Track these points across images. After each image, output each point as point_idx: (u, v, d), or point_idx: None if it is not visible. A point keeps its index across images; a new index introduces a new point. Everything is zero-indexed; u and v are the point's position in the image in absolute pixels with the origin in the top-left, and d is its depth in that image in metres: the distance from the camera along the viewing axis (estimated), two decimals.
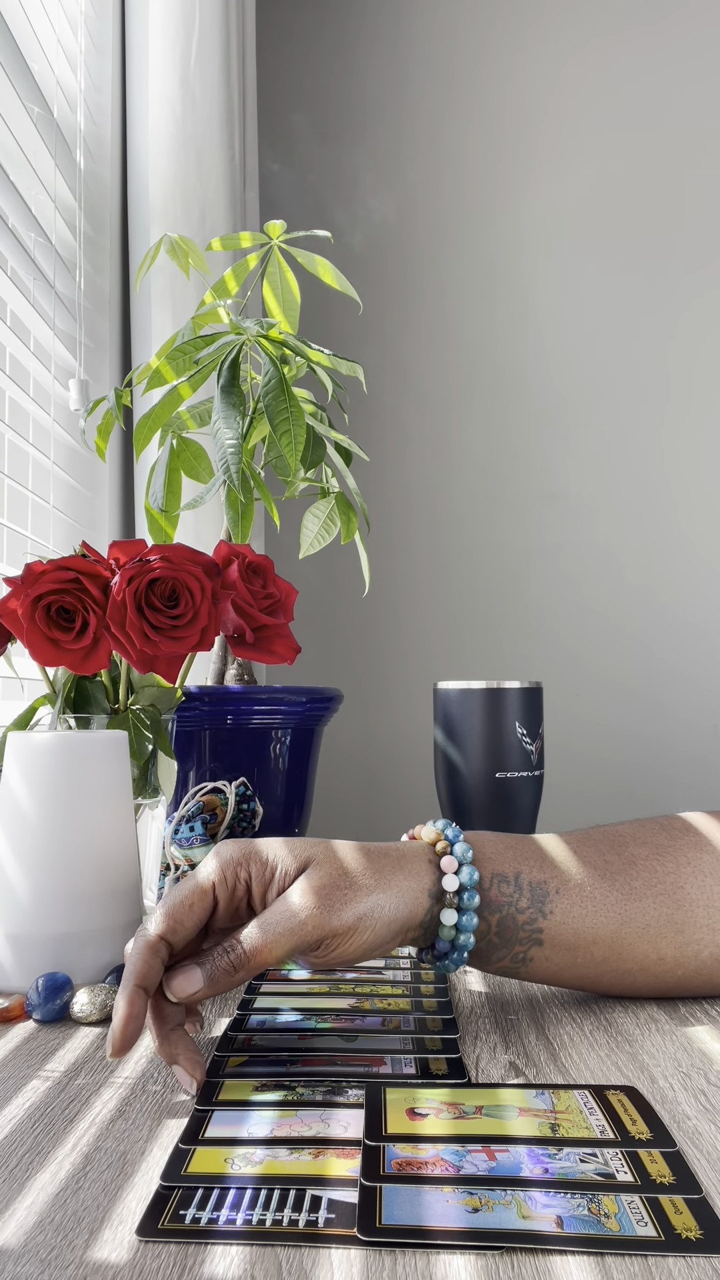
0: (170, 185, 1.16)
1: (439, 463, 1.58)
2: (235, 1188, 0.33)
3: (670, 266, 1.58)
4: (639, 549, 1.57)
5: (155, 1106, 0.41)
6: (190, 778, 0.78)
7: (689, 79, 1.59)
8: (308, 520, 0.90)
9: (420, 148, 1.61)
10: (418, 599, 1.56)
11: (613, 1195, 0.33)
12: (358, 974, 0.59)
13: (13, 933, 0.54)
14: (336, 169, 1.61)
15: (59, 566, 0.63)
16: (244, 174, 1.28)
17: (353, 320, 1.55)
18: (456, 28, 1.61)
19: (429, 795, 1.00)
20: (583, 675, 1.55)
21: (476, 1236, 0.30)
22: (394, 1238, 0.30)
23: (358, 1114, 0.39)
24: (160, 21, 1.17)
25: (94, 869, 0.56)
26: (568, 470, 1.58)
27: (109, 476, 1.16)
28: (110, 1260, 0.30)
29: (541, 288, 1.60)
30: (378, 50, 1.62)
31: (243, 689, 0.80)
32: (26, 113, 0.95)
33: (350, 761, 1.53)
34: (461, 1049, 0.47)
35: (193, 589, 0.63)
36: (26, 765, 0.56)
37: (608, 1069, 0.44)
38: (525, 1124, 0.38)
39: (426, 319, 1.60)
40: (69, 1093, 0.42)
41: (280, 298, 0.90)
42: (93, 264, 1.15)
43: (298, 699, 0.81)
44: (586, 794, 1.53)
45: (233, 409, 0.75)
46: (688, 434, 1.57)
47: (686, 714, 1.55)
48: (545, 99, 1.60)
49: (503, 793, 0.82)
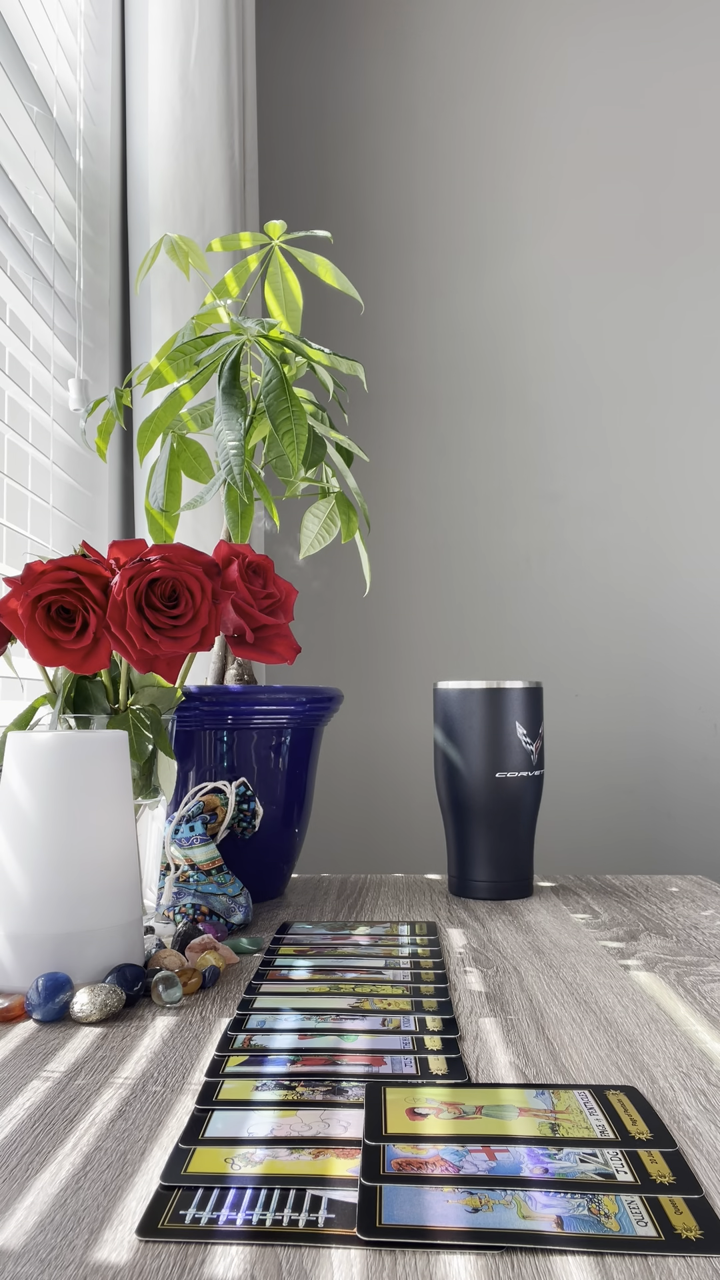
0: (170, 185, 1.16)
1: (439, 463, 1.58)
2: (235, 1188, 0.33)
3: (671, 266, 1.58)
4: (639, 549, 1.57)
5: (155, 1106, 0.41)
6: (190, 778, 0.78)
7: (691, 76, 1.59)
8: (308, 520, 0.90)
9: (420, 147, 1.61)
10: (418, 599, 1.56)
11: (613, 1195, 0.33)
12: (358, 974, 0.59)
13: (13, 933, 0.54)
14: (336, 169, 1.61)
15: (59, 566, 0.63)
16: (244, 174, 1.28)
17: (353, 320, 1.55)
18: (456, 27, 1.61)
19: (429, 795, 1.00)
20: (583, 675, 1.55)
21: (476, 1236, 0.30)
22: (394, 1238, 0.30)
23: (358, 1114, 0.39)
24: (160, 21, 1.17)
25: (94, 869, 0.56)
26: (568, 470, 1.58)
27: (109, 476, 1.16)
28: (110, 1260, 0.30)
29: (542, 287, 1.60)
30: (377, 49, 1.62)
31: (243, 689, 0.80)
32: (26, 112, 0.95)
33: (350, 761, 1.53)
34: (461, 1049, 0.47)
35: (193, 589, 0.63)
36: (27, 765, 0.56)
37: (608, 1069, 0.44)
38: (525, 1124, 0.38)
39: (427, 319, 1.60)
40: (69, 1093, 0.42)
41: (282, 299, 0.90)
42: (92, 264, 1.15)
43: (298, 699, 0.81)
44: (586, 794, 1.53)
45: (234, 410, 0.75)
46: (687, 434, 1.57)
47: (686, 714, 1.55)
48: (546, 98, 1.60)
49: (503, 793, 0.82)
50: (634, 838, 1.53)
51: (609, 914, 0.78)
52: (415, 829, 1.48)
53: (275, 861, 0.84)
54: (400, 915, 0.77)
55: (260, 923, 0.75)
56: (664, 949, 0.66)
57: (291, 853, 0.86)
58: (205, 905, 0.69)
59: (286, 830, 0.84)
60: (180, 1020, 0.52)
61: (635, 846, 1.53)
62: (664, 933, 0.71)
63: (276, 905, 0.81)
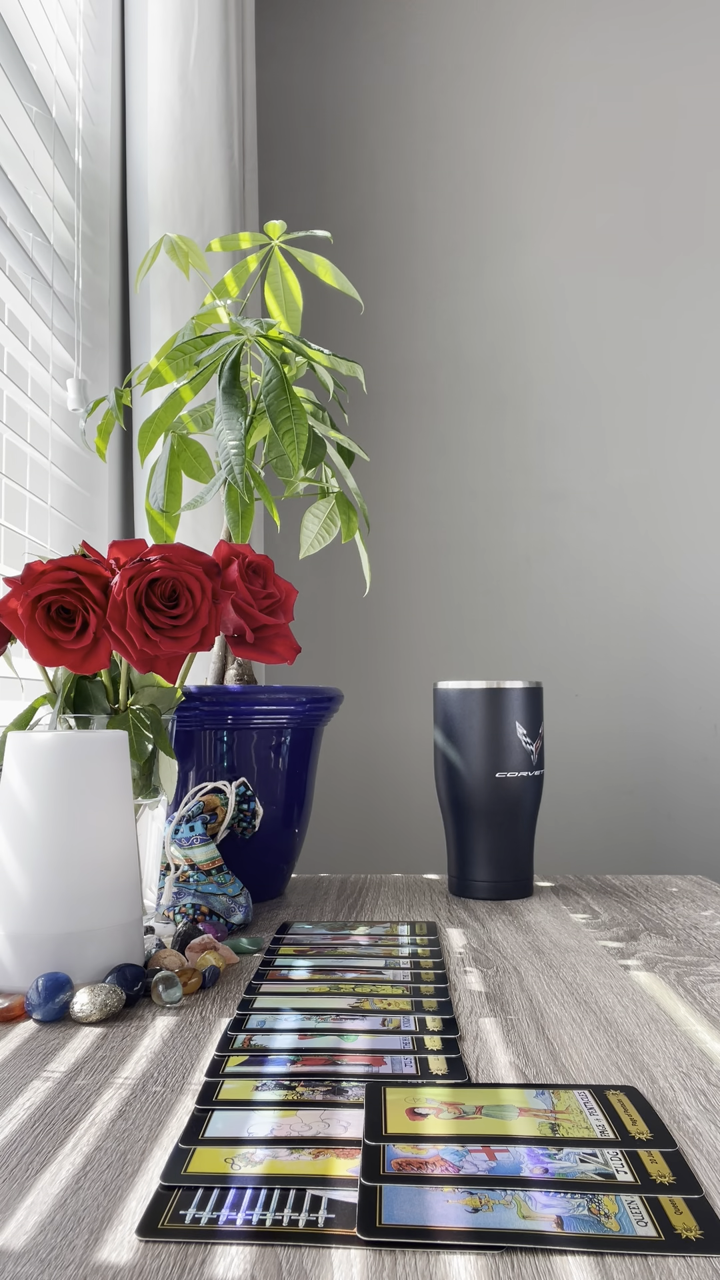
0: (169, 185, 1.16)
1: (439, 463, 1.58)
2: (235, 1188, 0.33)
3: (671, 266, 1.58)
4: (639, 549, 1.57)
5: (155, 1106, 0.41)
6: (190, 778, 0.78)
7: (694, 73, 1.59)
8: (308, 520, 0.90)
9: (420, 146, 1.61)
10: (418, 599, 1.56)
11: (613, 1195, 0.33)
12: (358, 974, 0.59)
13: (13, 933, 0.54)
14: (336, 169, 1.61)
15: (59, 566, 0.63)
16: (244, 174, 1.28)
17: (353, 320, 1.55)
18: (456, 26, 1.61)
19: (429, 795, 1.00)
20: (583, 675, 1.55)
21: (477, 1236, 0.30)
22: (394, 1238, 0.30)
23: (358, 1114, 0.39)
24: (159, 21, 1.17)
25: (94, 869, 0.56)
26: (568, 470, 1.58)
27: (108, 477, 1.16)
28: (110, 1260, 0.30)
29: (542, 287, 1.60)
30: (377, 49, 1.62)
31: (243, 689, 0.80)
32: (25, 112, 0.95)
33: (350, 761, 1.53)
34: (461, 1049, 0.47)
35: (193, 589, 0.63)
36: (27, 765, 0.56)
37: (608, 1069, 0.44)
38: (525, 1124, 0.38)
39: (427, 319, 1.60)
40: (69, 1093, 0.42)
41: (281, 300, 0.90)
42: (91, 264, 1.15)
43: (298, 699, 0.81)
44: (586, 794, 1.53)
45: (234, 410, 0.75)
46: (688, 434, 1.57)
47: (686, 713, 1.55)
48: (546, 96, 1.60)
49: (503, 793, 0.82)
50: (634, 838, 1.53)
51: (609, 914, 0.78)
52: (415, 829, 1.48)
53: (275, 861, 0.84)
54: (400, 915, 0.77)
55: (260, 923, 0.75)
56: (664, 949, 0.66)
57: (291, 853, 0.86)
58: (205, 905, 0.69)
59: (286, 830, 0.84)
60: (180, 1020, 0.52)
61: (635, 847, 1.53)
62: (664, 933, 0.71)
63: (276, 905, 0.81)
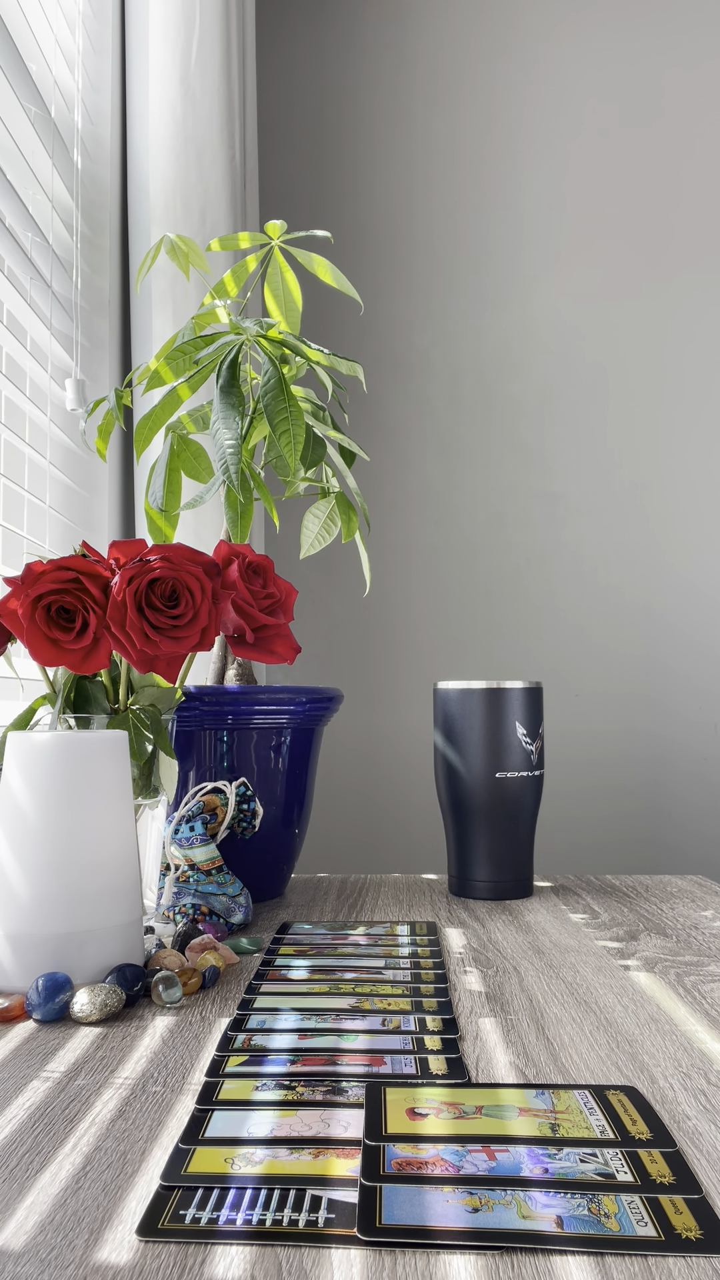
0: (170, 185, 1.16)
1: (439, 463, 1.58)
2: (235, 1188, 0.33)
3: (670, 265, 1.58)
4: (639, 549, 1.57)
5: (155, 1106, 0.41)
6: (190, 778, 0.78)
7: (688, 70, 1.59)
8: (308, 520, 0.90)
9: (420, 147, 1.61)
10: (418, 599, 1.56)
11: (613, 1195, 0.33)
12: (358, 974, 0.59)
13: (13, 933, 0.54)
14: (336, 169, 1.61)
15: (59, 566, 0.63)
16: (244, 174, 1.28)
17: (353, 320, 1.55)
18: (456, 26, 1.61)
19: (429, 795, 1.00)
20: (583, 675, 1.55)
21: (476, 1236, 0.30)
22: (394, 1238, 0.30)
23: (358, 1114, 0.39)
24: (160, 21, 1.17)
25: (94, 869, 0.56)
26: (568, 470, 1.58)
27: (108, 477, 1.16)
28: (110, 1260, 0.30)
29: (541, 287, 1.60)
30: (378, 50, 1.62)
31: (243, 689, 0.80)
32: (24, 112, 0.95)
33: (350, 761, 1.53)
34: (461, 1049, 0.47)
35: (193, 589, 0.63)
36: (26, 765, 0.56)
37: (608, 1069, 0.44)
38: (525, 1124, 0.38)
39: (426, 319, 1.60)
40: (69, 1093, 0.42)
41: (281, 300, 0.90)
42: (90, 264, 1.15)
43: (298, 699, 0.81)
44: (586, 794, 1.53)
45: (232, 409, 0.75)
46: (687, 434, 1.57)
47: (686, 713, 1.55)
48: (544, 95, 1.60)
49: (503, 793, 0.82)
50: (634, 838, 1.53)
51: (609, 914, 0.78)
52: (415, 829, 1.48)
53: (275, 861, 0.84)
54: (400, 915, 0.77)
55: (260, 923, 0.75)
56: (664, 949, 0.66)
57: (291, 853, 0.86)
58: (205, 905, 0.69)
59: (286, 830, 0.84)
60: (180, 1020, 0.52)
61: (635, 846, 1.53)
62: (664, 933, 0.71)
63: (276, 905, 0.81)
